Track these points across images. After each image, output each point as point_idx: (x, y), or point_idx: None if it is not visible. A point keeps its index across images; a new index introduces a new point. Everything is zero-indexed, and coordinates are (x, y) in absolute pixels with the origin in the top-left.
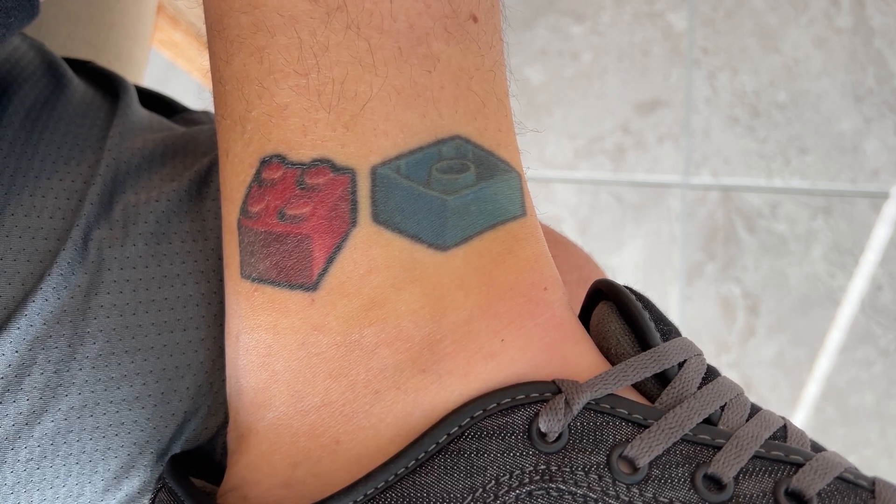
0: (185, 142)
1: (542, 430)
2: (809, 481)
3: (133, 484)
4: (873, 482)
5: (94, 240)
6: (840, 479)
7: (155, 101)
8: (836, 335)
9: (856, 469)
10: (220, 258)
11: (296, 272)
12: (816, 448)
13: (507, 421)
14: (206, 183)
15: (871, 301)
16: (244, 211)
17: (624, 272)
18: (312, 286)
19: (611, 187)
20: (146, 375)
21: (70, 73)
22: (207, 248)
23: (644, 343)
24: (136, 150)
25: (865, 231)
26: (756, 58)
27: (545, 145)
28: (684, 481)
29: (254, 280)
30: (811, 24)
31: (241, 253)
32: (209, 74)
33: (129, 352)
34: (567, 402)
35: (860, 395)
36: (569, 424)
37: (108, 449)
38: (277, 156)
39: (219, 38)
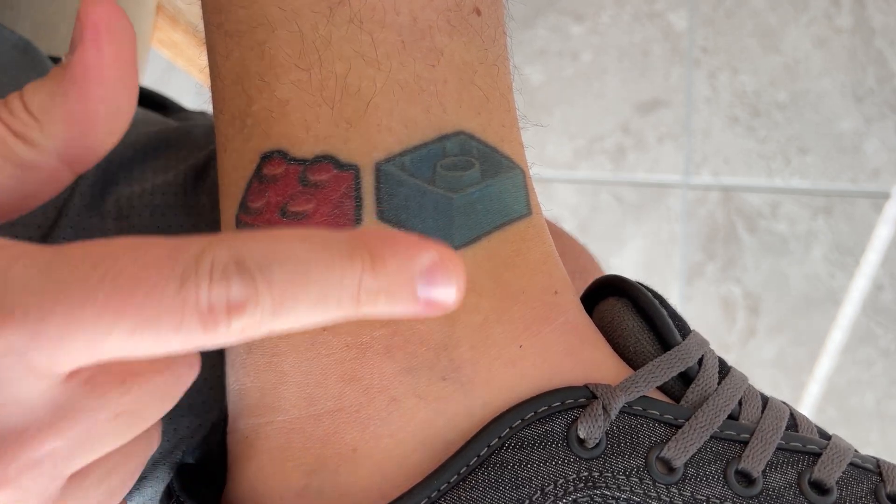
0: (180, 135)
1: (581, 436)
2: (829, 471)
3: None
4: (877, 463)
5: (86, 230)
6: (851, 464)
7: (150, 101)
8: (836, 335)
9: (857, 451)
10: None
11: None
12: (822, 433)
13: (546, 429)
14: (201, 177)
15: (872, 301)
16: (243, 207)
17: (624, 272)
18: None
19: (611, 187)
20: None
21: (52, 66)
22: None
23: (663, 341)
24: (129, 143)
25: (866, 231)
26: (756, 58)
27: (545, 145)
28: (717, 478)
29: None
30: (811, 24)
31: None
32: (208, 71)
33: None
34: (604, 407)
35: (860, 395)
36: (606, 429)
37: None
38: (279, 151)
39: (217, 32)
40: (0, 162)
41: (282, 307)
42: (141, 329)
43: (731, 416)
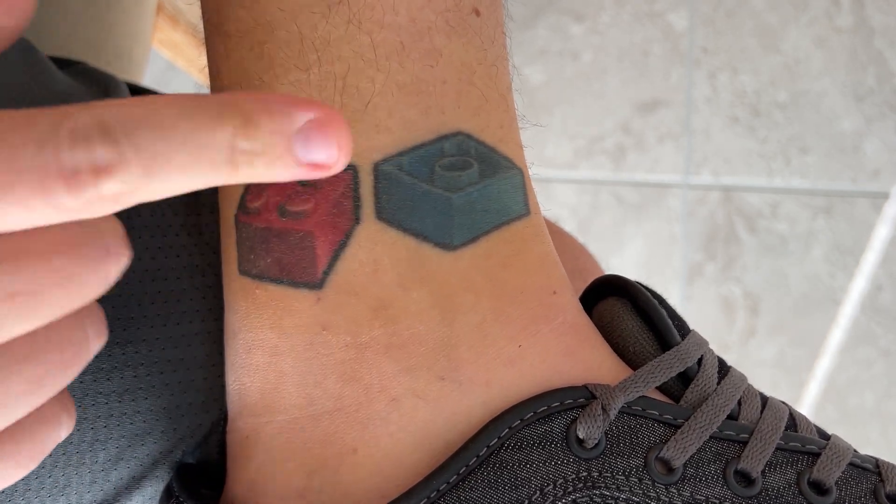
0: None
1: (581, 436)
2: (828, 471)
3: (122, 475)
4: (877, 463)
5: None
6: (850, 464)
7: None
8: (836, 335)
9: (856, 451)
10: (215, 252)
11: (299, 270)
12: (821, 433)
13: (545, 429)
14: None
15: (872, 301)
16: (242, 207)
17: (624, 272)
18: (318, 284)
19: (611, 187)
20: (137, 367)
21: (52, 67)
22: (202, 241)
23: (662, 341)
24: None
25: (866, 231)
26: (756, 57)
27: (545, 145)
28: (717, 478)
29: (254, 277)
30: (811, 24)
31: (239, 249)
32: (207, 71)
33: (121, 343)
34: (604, 408)
35: (860, 395)
36: (605, 430)
37: (97, 441)
38: None
39: (217, 32)
40: None
41: (153, 169)
42: None
43: (730, 416)
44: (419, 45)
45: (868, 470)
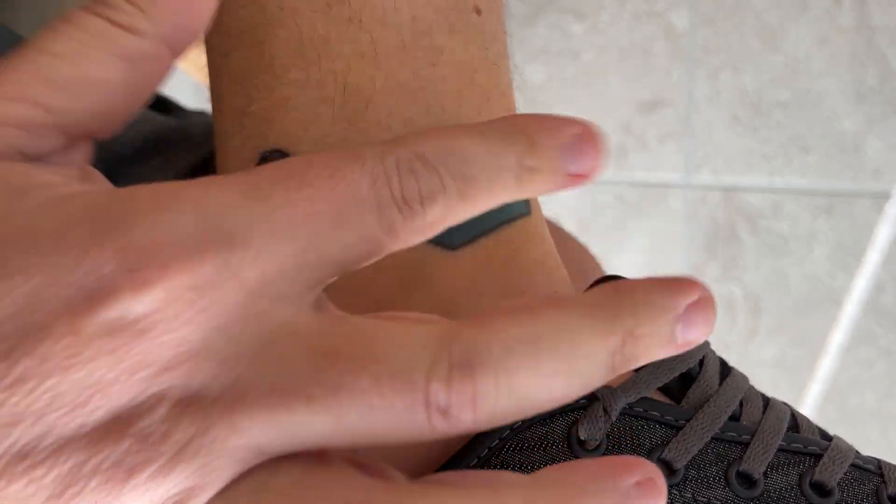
0: (179, 134)
1: (582, 437)
2: (830, 472)
3: None
4: (879, 465)
5: None
6: (852, 465)
7: (150, 100)
8: (837, 335)
9: (858, 452)
10: None
11: None
12: (823, 434)
13: (546, 431)
14: (200, 176)
15: (873, 301)
16: None
17: (625, 272)
18: None
19: (612, 187)
20: None
21: None
22: None
23: None
24: (129, 141)
25: (867, 231)
26: (757, 57)
27: None
28: (719, 480)
29: None
30: (813, 23)
31: None
32: (206, 70)
33: None
34: (605, 409)
35: (861, 395)
36: (607, 431)
37: None
38: (278, 150)
39: (216, 31)
40: (106, 58)
41: (466, 192)
42: (341, 222)
43: (732, 417)
44: (420, 43)
45: (870, 471)
